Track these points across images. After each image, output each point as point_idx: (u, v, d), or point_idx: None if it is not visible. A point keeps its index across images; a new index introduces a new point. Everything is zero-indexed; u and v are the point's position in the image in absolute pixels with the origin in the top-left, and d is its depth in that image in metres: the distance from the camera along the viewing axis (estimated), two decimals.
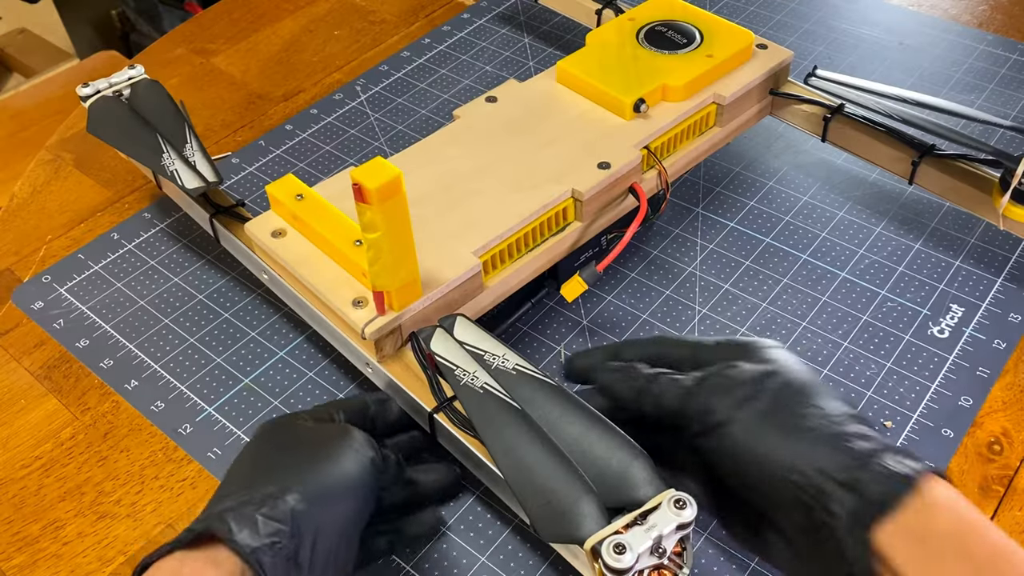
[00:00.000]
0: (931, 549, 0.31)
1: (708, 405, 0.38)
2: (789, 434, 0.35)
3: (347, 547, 0.40)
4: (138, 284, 0.62)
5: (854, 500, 0.33)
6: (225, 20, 0.89)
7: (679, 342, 0.43)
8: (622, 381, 0.42)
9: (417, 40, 0.83)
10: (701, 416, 0.38)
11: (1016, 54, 0.78)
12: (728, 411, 0.37)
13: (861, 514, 0.32)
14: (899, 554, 0.32)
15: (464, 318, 0.49)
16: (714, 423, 0.37)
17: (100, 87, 0.64)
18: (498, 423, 0.43)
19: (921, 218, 0.64)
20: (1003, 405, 0.52)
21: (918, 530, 0.32)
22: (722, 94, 0.59)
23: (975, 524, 0.32)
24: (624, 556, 0.36)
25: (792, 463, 0.34)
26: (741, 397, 0.37)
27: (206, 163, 0.59)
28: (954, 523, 0.32)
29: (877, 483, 0.33)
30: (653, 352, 0.43)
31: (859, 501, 0.33)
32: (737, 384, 0.38)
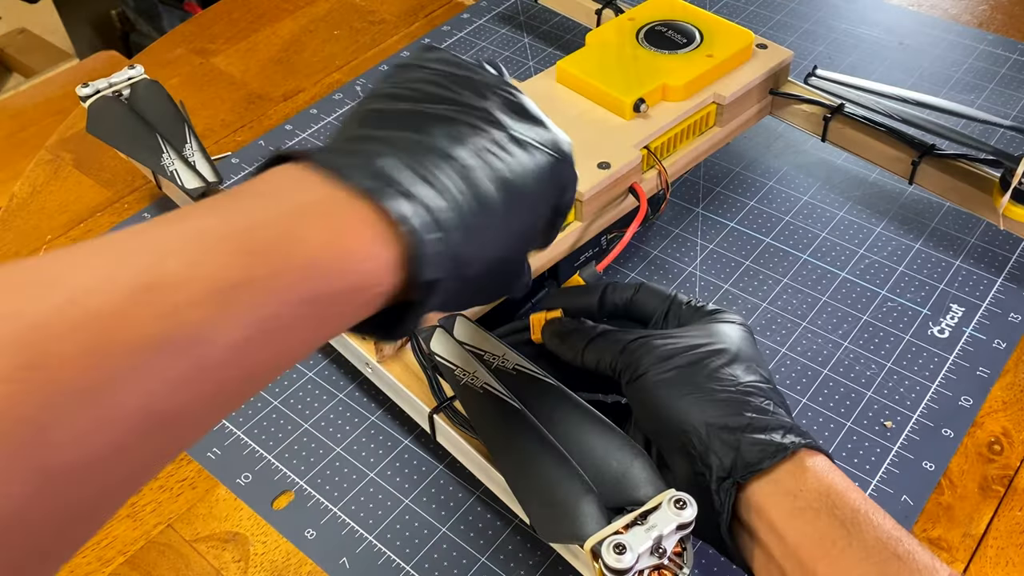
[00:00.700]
0: (800, 504, 0.35)
1: (636, 360, 0.41)
2: (693, 391, 0.38)
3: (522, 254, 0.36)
4: None
5: (731, 458, 0.36)
6: (225, 20, 0.89)
7: (658, 294, 0.46)
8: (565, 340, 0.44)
9: (417, 40, 0.83)
10: (629, 369, 0.41)
11: (1016, 54, 0.78)
12: (648, 365, 0.40)
13: (734, 470, 0.36)
14: (773, 507, 0.35)
15: (464, 318, 0.49)
16: (637, 375, 0.40)
17: (100, 87, 0.64)
18: (498, 423, 0.43)
19: (921, 218, 0.64)
20: (1003, 405, 0.52)
21: (791, 489, 0.35)
22: (722, 94, 0.59)
23: (841, 486, 0.35)
24: (624, 556, 0.36)
25: (687, 416, 0.38)
26: (665, 355, 0.40)
27: (206, 163, 0.59)
28: (823, 485, 0.35)
29: (755, 446, 0.36)
30: (635, 298, 0.46)
31: (734, 459, 0.36)
32: (668, 345, 0.41)
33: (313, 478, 0.50)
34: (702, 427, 0.37)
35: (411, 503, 0.49)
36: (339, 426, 0.53)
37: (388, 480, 0.50)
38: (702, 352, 0.40)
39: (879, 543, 0.33)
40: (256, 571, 0.47)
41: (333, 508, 0.49)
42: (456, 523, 0.48)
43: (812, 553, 0.34)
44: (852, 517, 0.34)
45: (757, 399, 0.38)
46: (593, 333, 0.44)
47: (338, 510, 0.49)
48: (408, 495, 0.49)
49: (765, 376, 0.40)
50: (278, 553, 0.47)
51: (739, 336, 0.42)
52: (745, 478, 0.36)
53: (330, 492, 0.50)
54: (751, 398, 0.38)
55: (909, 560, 0.33)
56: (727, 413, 0.38)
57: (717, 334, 0.42)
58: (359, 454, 0.51)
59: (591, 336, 0.44)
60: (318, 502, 0.49)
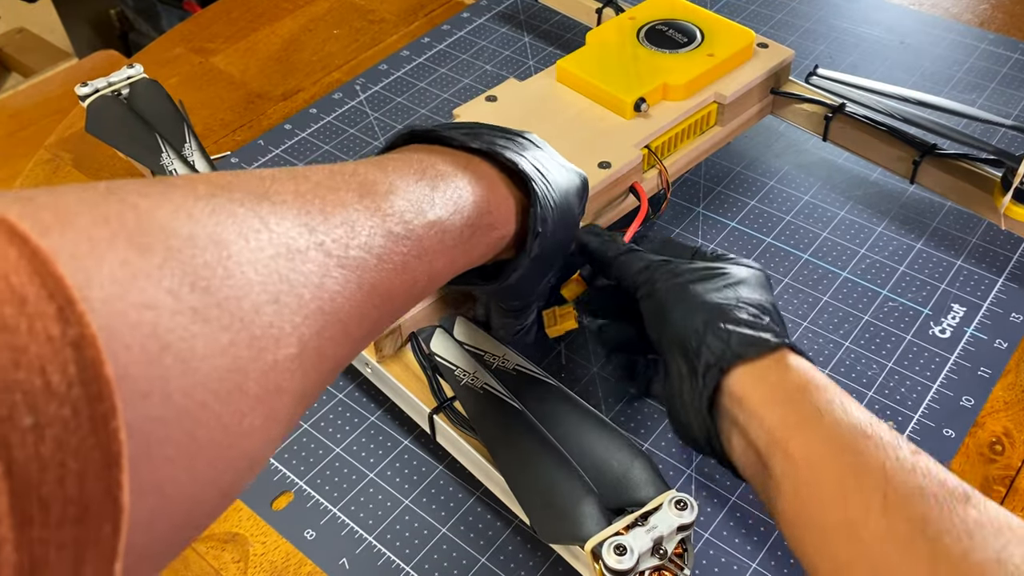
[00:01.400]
0: (779, 393, 0.37)
1: (653, 276, 0.43)
2: (698, 297, 0.41)
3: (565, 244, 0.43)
4: None
5: (720, 349, 0.38)
6: (224, 19, 0.88)
7: (682, 246, 0.47)
8: (601, 245, 0.46)
9: (417, 39, 0.83)
10: (647, 284, 0.43)
11: (1017, 53, 0.78)
12: (662, 279, 0.43)
13: (721, 359, 0.38)
14: (753, 394, 0.37)
15: (464, 318, 0.49)
16: (651, 289, 0.43)
17: (99, 86, 0.64)
18: (498, 424, 0.43)
19: (922, 218, 0.63)
20: (1004, 405, 0.52)
21: (772, 380, 0.37)
22: (723, 93, 0.59)
23: (821, 382, 0.37)
24: (625, 557, 0.35)
25: (689, 318, 0.40)
26: (678, 273, 0.43)
27: (205, 163, 0.59)
28: (802, 378, 0.37)
29: (742, 339, 0.38)
30: (661, 251, 0.47)
31: (723, 350, 0.38)
32: (684, 266, 0.43)
33: (313, 478, 0.50)
34: (700, 324, 0.39)
35: (411, 503, 0.49)
36: (339, 426, 0.53)
37: (388, 480, 0.50)
38: (712, 271, 0.43)
39: (849, 424, 0.35)
40: (256, 571, 0.46)
41: (333, 508, 0.49)
42: (456, 524, 0.48)
43: (787, 434, 0.36)
44: (827, 405, 0.36)
45: (754, 310, 0.40)
46: (623, 249, 0.46)
47: (338, 510, 0.49)
48: (408, 495, 0.49)
49: (768, 299, 0.42)
50: (277, 553, 0.47)
51: (749, 272, 0.44)
52: (730, 363, 0.38)
53: (330, 492, 0.49)
54: (750, 307, 0.40)
55: (875, 437, 0.35)
56: (724, 313, 0.40)
57: (731, 264, 0.44)
58: (359, 454, 0.51)
59: (621, 251, 0.45)
60: (318, 502, 0.49)
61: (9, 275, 0.17)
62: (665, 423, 0.52)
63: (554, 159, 0.43)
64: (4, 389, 0.16)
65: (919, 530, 0.32)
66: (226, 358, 0.22)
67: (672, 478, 0.49)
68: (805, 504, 0.34)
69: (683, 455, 0.50)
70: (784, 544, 0.46)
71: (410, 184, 0.33)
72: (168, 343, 0.20)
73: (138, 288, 0.20)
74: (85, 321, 0.18)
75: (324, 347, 0.26)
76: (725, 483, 0.49)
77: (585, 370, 0.55)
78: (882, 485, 0.33)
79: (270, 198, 0.26)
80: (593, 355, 0.55)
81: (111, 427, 0.18)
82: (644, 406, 0.53)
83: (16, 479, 0.16)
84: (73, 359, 0.17)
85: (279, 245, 0.25)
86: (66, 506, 0.17)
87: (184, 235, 0.22)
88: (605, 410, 0.52)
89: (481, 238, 0.36)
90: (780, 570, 0.45)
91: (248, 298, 0.23)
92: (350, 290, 0.27)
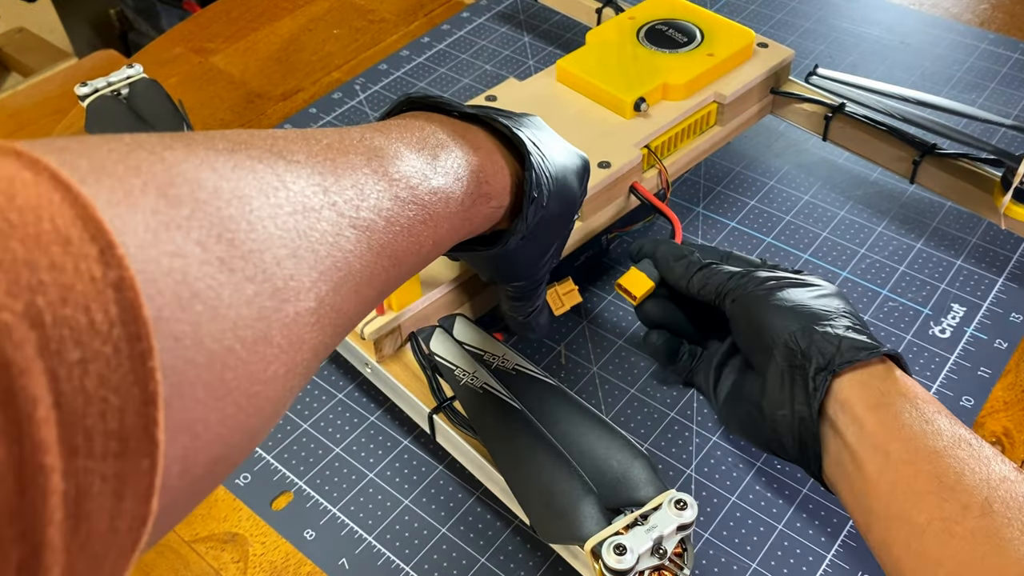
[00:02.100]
0: (885, 399, 0.38)
1: (742, 284, 0.44)
2: (795, 304, 0.42)
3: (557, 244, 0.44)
4: None
5: (831, 352, 0.39)
6: (224, 19, 0.88)
7: (747, 259, 0.48)
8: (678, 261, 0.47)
9: (416, 39, 0.83)
10: (735, 291, 0.44)
11: (1017, 53, 0.77)
12: (754, 286, 0.44)
13: (831, 363, 0.39)
14: (858, 400, 0.38)
15: (464, 318, 0.49)
16: (743, 294, 0.44)
17: (98, 86, 0.64)
18: (498, 423, 0.43)
19: (922, 217, 0.63)
20: (1004, 405, 0.52)
21: (878, 386, 0.38)
22: (723, 93, 0.59)
23: (925, 394, 0.38)
24: (625, 557, 0.35)
25: (791, 318, 0.41)
26: (771, 279, 0.44)
27: None
28: (907, 387, 0.38)
29: (852, 343, 0.39)
30: (721, 257, 0.48)
31: (834, 354, 0.39)
32: (771, 275, 0.44)
33: (312, 478, 0.50)
34: (806, 327, 0.40)
35: (411, 503, 0.49)
36: (338, 426, 0.53)
37: (388, 480, 0.50)
38: (802, 282, 0.44)
39: (952, 432, 0.36)
40: (255, 571, 0.46)
41: (332, 508, 0.49)
42: (456, 524, 0.48)
43: (889, 436, 0.36)
44: (933, 415, 0.37)
45: (852, 319, 0.42)
46: (701, 263, 0.47)
47: (337, 510, 0.49)
48: (408, 495, 0.49)
49: (856, 312, 0.43)
50: (277, 554, 0.47)
51: (830, 286, 0.45)
52: (841, 367, 0.39)
53: (329, 492, 0.49)
54: (849, 315, 0.42)
55: (977, 447, 0.35)
56: (829, 319, 0.41)
57: (811, 279, 0.45)
58: (358, 454, 0.51)
59: (700, 265, 0.46)
60: (317, 502, 0.49)
61: (55, 217, 0.18)
62: (663, 425, 0.52)
63: (554, 138, 0.43)
64: (54, 324, 0.17)
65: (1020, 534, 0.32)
66: (252, 308, 0.22)
67: (672, 478, 0.49)
68: (900, 500, 0.35)
69: (682, 456, 0.50)
70: (784, 544, 0.46)
71: (413, 151, 0.33)
72: (198, 290, 0.21)
73: (169, 237, 0.20)
74: (124, 264, 0.18)
75: (339, 303, 0.27)
76: (725, 483, 0.49)
77: (585, 370, 0.55)
78: (984, 490, 0.33)
79: (285, 157, 0.27)
80: (593, 355, 0.55)
81: (148, 366, 0.18)
82: (644, 406, 0.53)
83: (64, 411, 0.17)
84: (114, 299, 0.18)
85: (296, 203, 0.26)
86: (108, 439, 0.18)
87: (210, 188, 0.23)
88: (605, 410, 0.52)
89: (480, 207, 0.37)
90: (780, 570, 0.45)
91: (270, 251, 0.24)
92: (361, 249, 0.28)
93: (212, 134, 0.26)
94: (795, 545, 0.46)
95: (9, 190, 0.17)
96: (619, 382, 0.54)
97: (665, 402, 0.53)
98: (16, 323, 0.16)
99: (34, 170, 0.18)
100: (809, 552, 0.46)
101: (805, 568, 0.45)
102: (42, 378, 0.17)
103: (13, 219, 0.17)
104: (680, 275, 0.47)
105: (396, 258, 0.31)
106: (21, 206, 0.17)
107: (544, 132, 0.43)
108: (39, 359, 0.17)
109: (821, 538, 0.47)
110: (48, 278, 0.17)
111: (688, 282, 0.46)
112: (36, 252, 0.17)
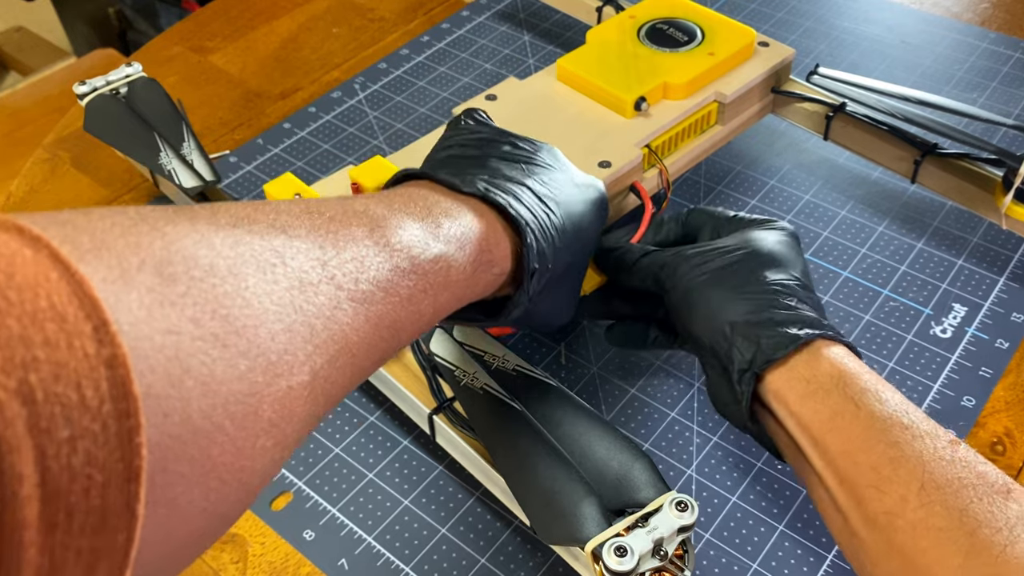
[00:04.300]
0: (813, 387, 0.37)
1: (672, 272, 0.43)
2: (722, 293, 0.41)
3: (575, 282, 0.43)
4: None
5: (751, 352, 0.38)
6: (223, 18, 0.88)
7: (706, 212, 0.48)
8: (618, 257, 0.46)
9: (416, 38, 0.83)
10: (668, 281, 0.43)
11: (1019, 52, 0.77)
12: (683, 274, 0.42)
13: (753, 363, 0.38)
14: (789, 391, 0.37)
15: None
16: (673, 285, 0.43)
17: (97, 85, 0.64)
18: (498, 425, 0.43)
19: (923, 217, 0.63)
20: (1006, 405, 0.52)
21: (805, 374, 0.37)
22: (724, 92, 0.58)
23: (854, 369, 0.37)
24: (625, 559, 0.35)
25: (715, 317, 0.40)
26: (697, 263, 0.42)
27: (204, 162, 0.59)
28: (835, 369, 0.37)
29: (772, 339, 0.38)
30: (688, 220, 0.48)
31: (755, 352, 0.38)
32: (700, 252, 0.43)
33: (312, 479, 0.50)
34: (727, 326, 0.39)
35: (410, 504, 0.49)
36: (338, 427, 0.52)
37: (387, 481, 0.50)
38: (732, 256, 0.42)
39: (885, 414, 0.35)
40: (255, 572, 0.46)
41: (332, 509, 0.48)
42: (456, 524, 0.48)
43: (822, 428, 0.36)
44: (861, 394, 0.36)
45: (782, 297, 0.40)
46: (639, 254, 0.46)
47: (337, 511, 0.48)
48: (407, 496, 0.49)
49: (796, 276, 0.42)
50: (276, 554, 0.47)
51: (775, 239, 0.43)
52: (762, 368, 0.38)
53: (329, 493, 0.49)
54: (776, 296, 0.40)
55: (912, 427, 0.35)
56: (750, 311, 0.40)
57: (751, 239, 0.43)
58: (358, 455, 0.51)
59: (637, 256, 0.45)
60: (317, 503, 0.49)
61: (51, 295, 0.18)
62: (663, 425, 0.52)
63: (566, 177, 0.42)
64: (45, 401, 0.17)
65: (956, 521, 0.32)
66: (244, 383, 0.23)
67: (672, 479, 0.49)
68: (846, 495, 0.35)
69: (682, 456, 0.50)
70: (785, 545, 0.46)
71: (416, 220, 0.34)
72: (190, 367, 0.21)
73: (163, 314, 0.21)
74: (117, 341, 0.19)
75: (333, 375, 0.27)
76: (726, 484, 0.49)
77: (585, 370, 0.54)
78: (919, 475, 0.33)
79: (286, 232, 0.28)
80: (593, 355, 0.55)
81: (135, 443, 0.19)
82: (644, 406, 0.52)
83: (48, 488, 0.17)
84: (106, 376, 0.19)
85: (293, 278, 0.26)
86: (88, 515, 0.18)
87: (206, 265, 0.23)
88: (605, 410, 0.52)
89: (483, 275, 0.36)
90: (781, 571, 0.45)
91: (264, 326, 0.24)
92: (359, 322, 0.28)
93: (216, 207, 0.27)
94: (796, 546, 0.46)
95: (9, 268, 0.18)
96: (619, 382, 0.54)
97: (665, 402, 0.53)
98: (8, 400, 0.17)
99: (34, 247, 0.19)
100: (810, 553, 0.46)
101: (806, 569, 0.45)
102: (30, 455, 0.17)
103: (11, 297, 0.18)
104: (617, 269, 0.46)
105: (394, 329, 0.31)
106: (20, 284, 0.18)
107: (554, 173, 0.42)
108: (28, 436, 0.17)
109: (822, 539, 0.46)
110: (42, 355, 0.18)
111: (628, 275, 0.46)
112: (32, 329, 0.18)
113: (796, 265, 0.42)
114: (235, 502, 0.24)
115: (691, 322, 0.41)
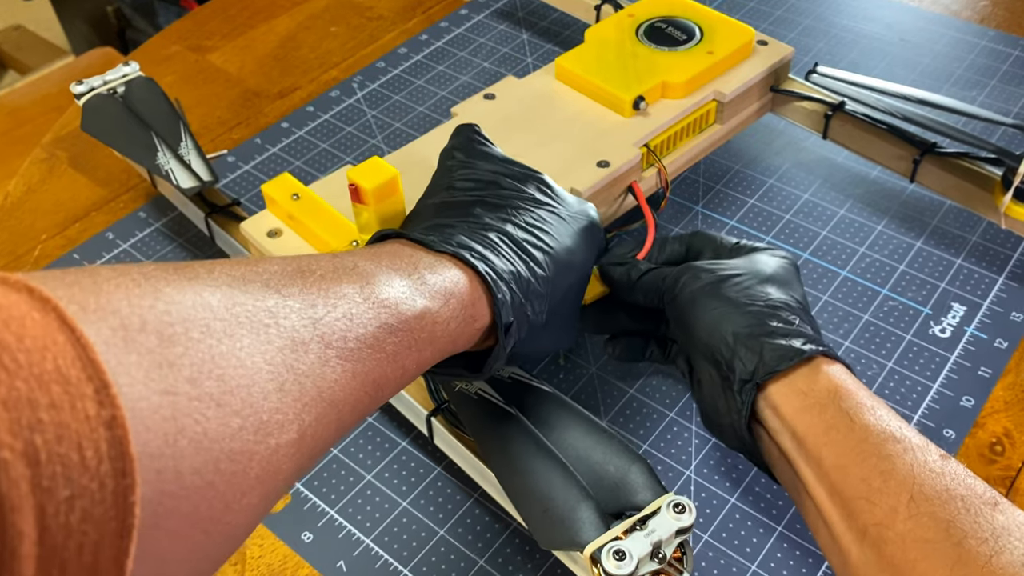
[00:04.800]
0: (810, 401, 0.37)
1: (675, 282, 0.43)
2: (724, 304, 0.41)
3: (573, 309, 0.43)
4: None
5: (754, 362, 0.39)
6: (221, 17, 0.88)
7: (708, 236, 0.48)
8: (622, 273, 0.47)
9: (414, 36, 0.83)
10: (670, 291, 0.43)
11: (1018, 50, 0.77)
12: (686, 283, 0.43)
13: (755, 373, 0.38)
14: (786, 405, 0.38)
15: None
16: (675, 293, 0.43)
17: (95, 85, 0.63)
18: (494, 430, 0.43)
19: (922, 216, 0.63)
20: (1005, 405, 0.52)
21: (803, 388, 0.38)
22: (722, 91, 0.58)
23: (851, 386, 0.38)
24: (624, 562, 0.35)
25: (716, 326, 0.40)
26: (705, 274, 0.43)
27: (201, 162, 0.59)
28: (833, 384, 0.38)
29: (775, 351, 0.39)
30: (692, 242, 0.48)
31: (757, 363, 0.38)
32: (707, 268, 0.43)
33: (310, 481, 0.50)
34: (729, 336, 0.40)
35: (408, 506, 0.49)
36: None
37: (385, 483, 0.50)
38: (737, 271, 0.43)
39: (878, 428, 0.36)
40: (253, 574, 0.46)
41: (330, 511, 0.48)
42: (454, 526, 0.48)
43: (817, 441, 0.36)
44: (856, 409, 0.36)
45: (783, 313, 0.41)
46: (644, 270, 0.46)
47: (335, 513, 0.48)
48: (406, 498, 0.49)
49: (797, 298, 0.42)
50: (275, 556, 0.47)
51: (777, 264, 0.44)
52: (764, 379, 0.38)
53: (327, 495, 0.49)
54: (778, 311, 0.41)
55: (904, 440, 0.35)
56: (753, 323, 0.40)
57: (755, 262, 0.44)
58: (356, 456, 0.51)
59: (641, 272, 0.46)
60: (315, 505, 0.49)
61: (57, 357, 0.19)
62: (662, 426, 0.52)
63: (555, 210, 0.42)
64: (48, 461, 0.18)
65: (944, 532, 0.32)
66: (235, 442, 0.24)
67: (670, 481, 0.49)
68: (837, 507, 0.35)
69: (681, 457, 0.50)
70: (783, 547, 0.46)
71: (402, 276, 0.34)
72: (184, 426, 0.22)
73: (161, 375, 0.22)
74: (117, 403, 0.20)
75: (320, 432, 0.28)
76: (724, 485, 0.49)
77: (584, 371, 0.54)
78: (909, 487, 0.33)
79: (280, 292, 0.29)
80: (592, 356, 0.55)
81: (129, 501, 0.20)
82: (643, 406, 0.52)
83: (45, 546, 0.18)
84: (105, 437, 0.19)
85: (286, 338, 0.27)
86: (79, 571, 0.19)
87: (203, 326, 0.24)
88: (604, 411, 0.52)
89: (465, 329, 0.36)
90: (779, 572, 0.45)
91: (257, 385, 0.25)
92: (346, 379, 0.29)
93: (214, 266, 0.28)
94: (795, 547, 0.46)
95: (19, 330, 0.19)
96: (618, 382, 0.54)
97: (664, 403, 0.53)
98: (14, 461, 0.18)
99: (43, 310, 0.20)
100: (809, 554, 0.46)
101: (805, 570, 0.45)
102: (31, 515, 0.18)
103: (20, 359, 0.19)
104: (621, 284, 0.46)
105: (378, 385, 0.31)
106: (28, 347, 0.19)
107: (539, 211, 0.41)
108: (31, 496, 0.18)
109: None
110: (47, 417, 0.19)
111: (631, 291, 0.46)
112: (38, 391, 0.19)
113: (796, 289, 0.43)
114: (220, 554, 0.25)
115: (693, 331, 0.41)
